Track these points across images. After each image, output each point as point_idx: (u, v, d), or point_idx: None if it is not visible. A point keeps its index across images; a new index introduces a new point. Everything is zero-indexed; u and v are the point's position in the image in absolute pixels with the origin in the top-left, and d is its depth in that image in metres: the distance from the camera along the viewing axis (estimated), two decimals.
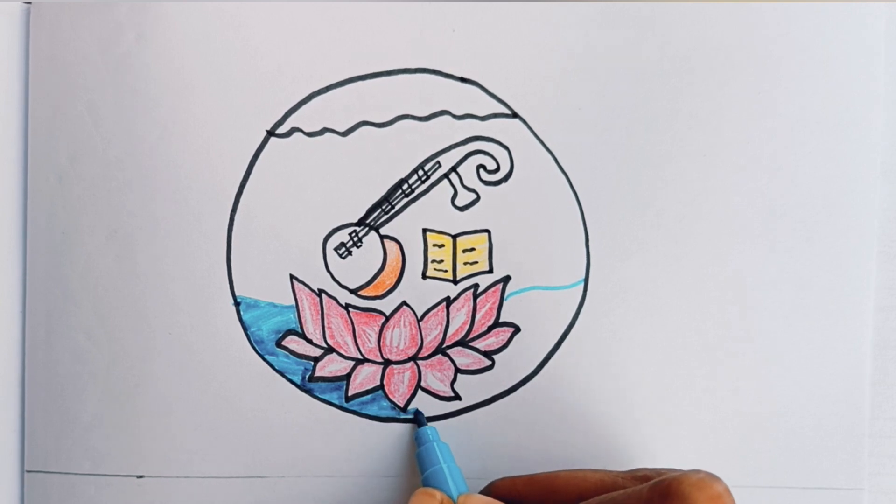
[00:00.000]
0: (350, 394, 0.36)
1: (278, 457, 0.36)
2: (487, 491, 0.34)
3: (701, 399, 0.36)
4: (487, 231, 0.36)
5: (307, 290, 0.36)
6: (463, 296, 0.36)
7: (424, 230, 0.36)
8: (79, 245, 0.36)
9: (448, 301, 0.36)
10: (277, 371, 0.36)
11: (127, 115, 0.35)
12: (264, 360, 0.36)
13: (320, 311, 0.36)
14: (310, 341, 0.36)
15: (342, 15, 0.35)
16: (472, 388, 0.36)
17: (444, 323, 0.36)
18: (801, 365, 0.36)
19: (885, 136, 0.36)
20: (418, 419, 0.35)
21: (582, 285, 0.36)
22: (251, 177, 0.35)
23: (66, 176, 0.36)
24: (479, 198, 0.36)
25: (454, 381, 0.36)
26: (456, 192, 0.36)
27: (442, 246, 0.36)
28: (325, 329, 0.36)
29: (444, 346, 0.36)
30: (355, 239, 0.36)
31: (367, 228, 0.36)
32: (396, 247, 0.36)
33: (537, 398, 0.36)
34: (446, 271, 0.36)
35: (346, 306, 0.36)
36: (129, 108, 0.35)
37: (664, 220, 0.35)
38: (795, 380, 0.36)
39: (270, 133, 0.35)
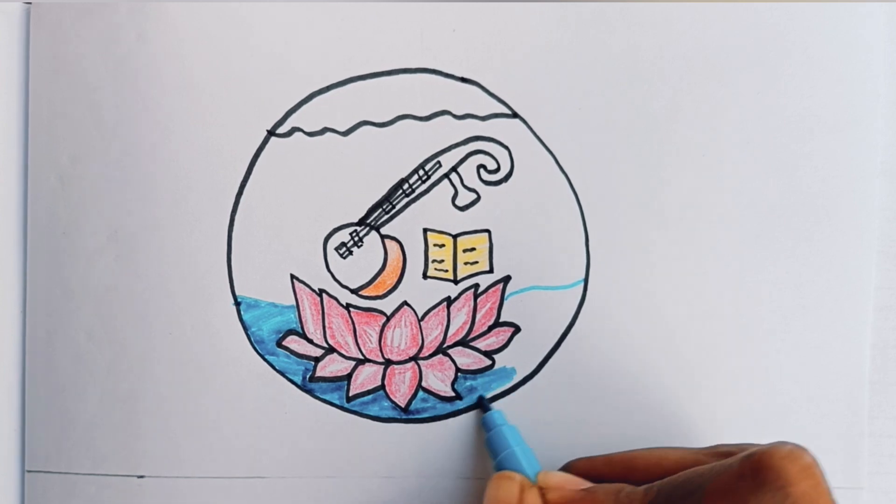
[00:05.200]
0: (351, 394, 0.36)
1: (279, 457, 0.36)
2: (565, 470, 0.33)
3: (701, 399, 0.36)
4: (488, 231, 0.36)
5: (308, 289, 0.36)
6: (463, 296, 0.36)
7: (425, 230, 0.36)
8: (79, 245, 0.36)
9: (449, 301, 0.36)
10: (278, 371, 0.36)
11: (127, 115, 0.35)
12: (265, 360, 0.36)
13: (321, 311, 0.36)
14: (310, 341, 0.36)
15: (342, 15, 0.35)
16: (472, 388, 0.36)
17: (445, 323, 0.36)
18: (801, 364, 0.36)
19: (885, 136, 0.36)
20: (483, 405, 0.35)
21: (582, 285, 0.36)
22: (251, 177, 0.35)
23: (66, 176, 0.36)
24: (479, 198, 0.36)
25: (455, 380, 0.36)
26: (456, 192, 0.36)
27: (442, 246, 0.36)
28: (326, 329, 0.36)
29: (444, 345, 0.36)
30: (356, 239, 0.36)
31: (367, 228, 0.36)
32: (397, 246, 0.36)
33: (537, 398, 0.36)
34: (447, 271, 0.36)
35: (347, 306, 0.36)
36: (130, 108, 0.35)
37: (664, 220, 0.36)
38: (795, 379, 0.36)
39: (271, 133, 0.35)
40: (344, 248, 0.36)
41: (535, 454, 0.33)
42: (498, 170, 0.36)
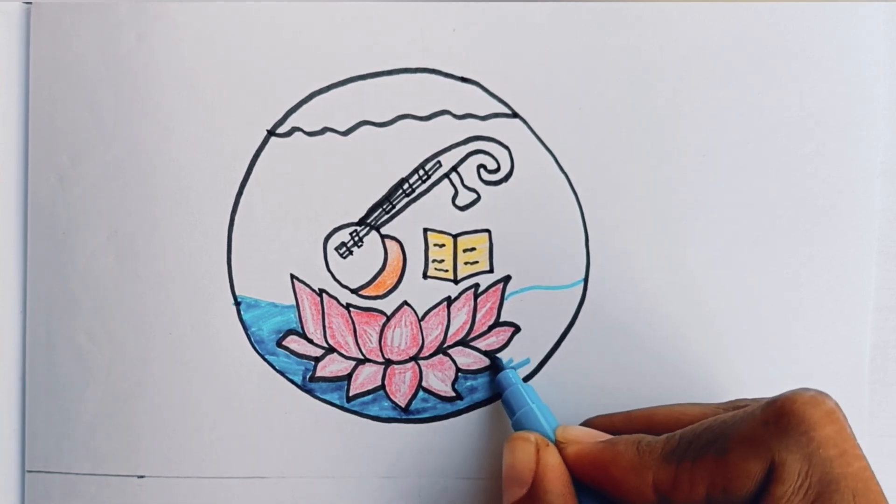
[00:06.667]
0: (351, 394, 0.36)
1: (279, 457, 0.36)
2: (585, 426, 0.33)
3: (700, 399, 0.36)
4: (488, 231, 0.36)
5: (308, 289, 0.36)
6: (464, 295, 0.36)
7: (425, 230, 0.36)
8: (79, 245, 0.36)
9: (449, 301, 0.36)
10: (278, 371, 0.36)
11: (127, 115, 0.35)
12: (265, 360, 0.36)
13: (321, 311, 0.36)
14: (310, 341, 0.36)
15: (342, 15, 0.35)
16: (472, 388, 0.36)
17: (445, 323, 0.36)
18: (801, 364, 0.36)
19: (885, 136, 0.36)
20: (497, 364, 0.35)
21: (582, 285, 0.36)
22: (251, 177, 0.35)
23: (66, 176, 0.36)
24: (479, 197, 0.36)
25: (455, 380, 0.36)
26: (456, 192, 0.36)
27: (443, 245, 0.36)
28: (326, 329, 0.36)
29: (444, 345, 0.36)
30: (356, 238, 0.36)
31: (367, 228, 0.36)
32: (397, 246, 0.36)
33: None
34: (447, 271, 0.36)
35: (347, 306, 0.36)
36: (130, 108, 0.35)
37: (664, 219, 0.36)
38: (795, 379, 0.36)
39: (271, 133, 0.35)
40: (344, 248, 0.36)
41: (551, 411, 0.33)
42: (498, 170, 0.36)
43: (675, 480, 0.27)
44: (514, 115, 0.36)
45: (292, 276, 0.36)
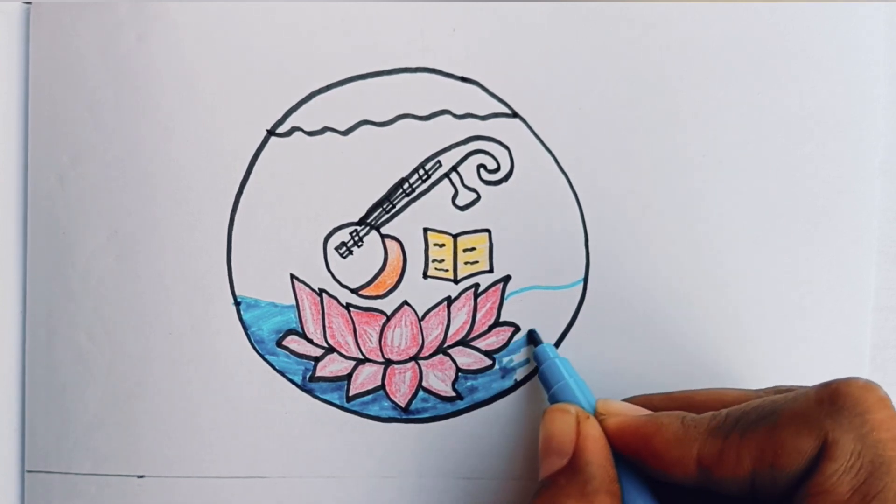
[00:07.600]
0: (351, 394, 0.36)
1: (279, 457, 0.36)
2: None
3: None
4: (488, 231, 0.36)
5: (308, 289, 0.36)
6: (464, 295, 0.36)
7: (425, 229, 0.36)
8: (79, 245, 0.36)
9: (449, 301, 0.36)
10: (278, 371, 0.36)
11: (127, 115, 0.35)
12: (265, 360, 0.36)
13: (321, 311, 0.36)
14: (310, 341, 0.36)
15: (342, 15, 0.35)
16: (472, 388, 0.36)
17: (445, 322, 0.36)
18: (801, 365, 0.36)
19: (885, 136, 0.36)
20: (534, 338, 0.35)
21: (581, 285, 0.36)
22: (251, 176, 0.35)
23: (66, 176, 0.36)
24: (479, 197, 0.36)
25: (455, 380, 0.36)
26: (456, 192, 0.36)
27: (443, 245, 0.36)
28: (326, 329, 0.36)
29: (445, 345, 0.36)
30: (356, 238, 0.36)
31: (367, 228, 0.36)
32: (397, 246, 0.36)
33: (537, 397, 0.36)
34: (447, 271, 0.36)
35: (347, 306, 0.36)
36: (130, 108, 0.35)
37: (664, 220, 0.36)
38: (795, 379, 0.36)
39: (271, 132, 0.35)
40: (344, 248, 0.36)
41: (588, 386, 0.33)
42: (498, 169, 0.36)
43: (722, 454, 0.27)
44: (514, 115, 0.36)
45: (292, 276, 0.36)
